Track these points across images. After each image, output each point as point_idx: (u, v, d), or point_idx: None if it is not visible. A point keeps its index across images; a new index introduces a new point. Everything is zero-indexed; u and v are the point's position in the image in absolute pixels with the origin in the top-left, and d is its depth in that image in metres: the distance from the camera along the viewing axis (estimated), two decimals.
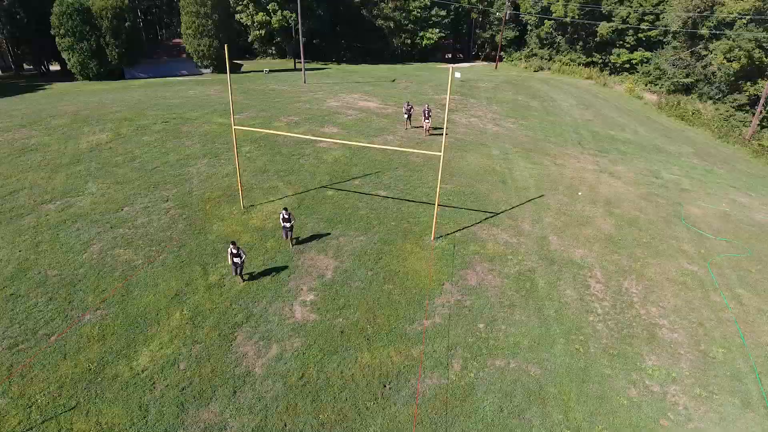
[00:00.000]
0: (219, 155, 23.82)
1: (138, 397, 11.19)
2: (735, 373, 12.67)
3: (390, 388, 11.70)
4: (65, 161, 22.67)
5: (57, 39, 44.48)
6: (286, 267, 15.71)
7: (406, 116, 28.75)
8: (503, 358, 12.68)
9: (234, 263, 14.44)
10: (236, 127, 18.43)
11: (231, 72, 18.35)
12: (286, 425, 10.70)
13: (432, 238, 17.45)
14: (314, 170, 22.58)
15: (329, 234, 17.53)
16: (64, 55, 45.72)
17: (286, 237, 16.53)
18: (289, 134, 24.14)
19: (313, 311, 13.98)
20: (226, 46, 16.16)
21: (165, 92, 38.46)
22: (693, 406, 11.68)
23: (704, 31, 54.49)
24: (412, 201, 20.14)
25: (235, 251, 14.17)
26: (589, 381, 12.18)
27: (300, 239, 17.11)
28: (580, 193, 22.01)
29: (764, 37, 48.06)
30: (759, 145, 38.50)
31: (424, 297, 14.68)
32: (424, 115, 27.71)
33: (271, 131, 23.09)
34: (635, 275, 16.35)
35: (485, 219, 19.18)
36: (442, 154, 16.15)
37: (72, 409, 10.84)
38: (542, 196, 21.55)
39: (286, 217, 16.02)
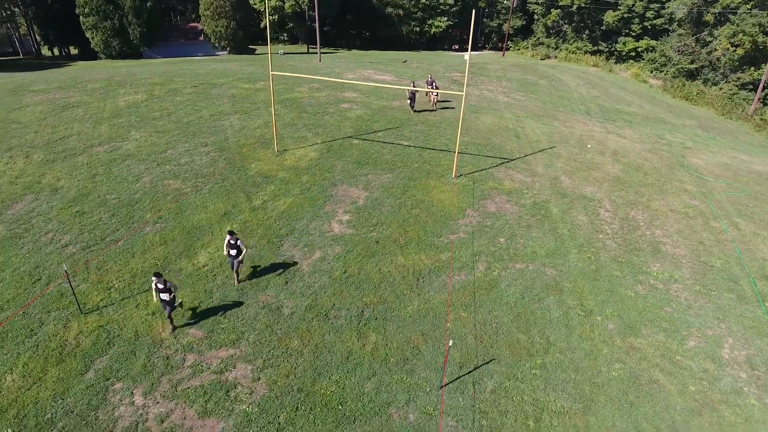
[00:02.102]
0: (249, 112, 25.35)
1: (202, 284, 12.71)
2: (731, 277, 14.10)
3: (423, 281, 13.19)
4: (106, 115, 24.24)
5: (81, 18, 46.13)
6: (324, 196, 17.21)
7: (408, 100, 25.70)
8: (523, 263, 14.15)
9: (162, 301, 10.68)
10: (274, 72, 19.88)
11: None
12: (334, 305, 12.20)
13: (453, 176, 18.93)
14: (339, 124, 24.07)
15: (358, 173, 19.01)
16: (88, 34, 47.37)
17: (233, 268, 12.44)
18: (326, 78, 25.66)
19: (349, 227, 15.48)
20: (267, 19, 17.65)
21: (188, 66, 40.05)
22: (693, 299, 13.12)
23: (709, 17, 55.71)
24: (432, 149, 21.60)
25: (161, 285, 10.47)
26: (599, 279, 13.63)
27: (259, 270, 13.12)
28: (589, 146, 23.43)
29: None
30: (761, 119, 39.79)
31: (448, 219, 16.16)
32: (431, 87, 26.82)
33: (308, 75, 24.71)
34: (641, 207, 17.77)
35: (501, 163, 20.63)
36: (464, 93, 17.61)
37: (146, 291, 12.36)
38: (553, 147, 22.98)
39: (232, 242, 11.98)
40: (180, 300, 11.51)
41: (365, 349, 10.92)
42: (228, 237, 12.05)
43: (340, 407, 9.55)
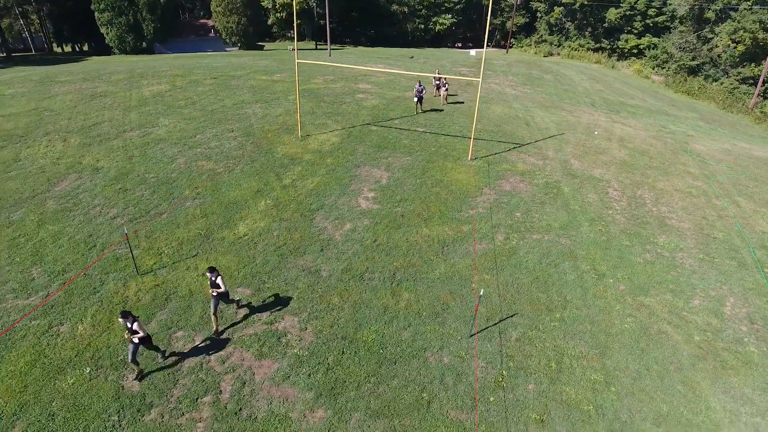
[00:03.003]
0: (269, 101, 26.42)
1: (245, 251, 13.78)
2: (732, 247, 15.16)
3: (447, 249, 14.26)
4: (134, 104, 25.31)
5: (96, 14, 47.20)
6: (348, 176, 18.28)
7: (416, 99, 24.67)
8: (539, 233, 15.22)
9: (132, 343, 9.35)
10: (299, 61, 20.95)
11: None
12: (367, 268, 13.27)
13: (469, 158, 20.00)
14: (356, 113, 25.15)
15: (379, 156, 20.08)
16: (103, 30, 48.43)
17: (215, 312, 10.62)
18: (350, 66, 26.66)
19: (375, 203, 16.55)
20: (294, 11, 18.70)
21: (204, 60, 41.12)
22: (697, 265, 14.20)
23: (710, 14, 56.75)
24: (447, 135, 22.67)
25: (130, 324, 9.19)
26: (610, 248, 14.70)
27: (241, 304, 11.59)
28: (596, 133, 24.50)
29: None
30: (761, 112, 40.86)
31: (467, 196, 17.23)
32: (439, 84, 27.65)
33: (334, 64, 25.79)
34: (647, 187, 18.84)
35: (513, 148, 21.70)
36: (480, 79, 18.69)
37: (194, 256, 13.43)
38: (562, 134, 24.05)
39: (214, 280, 10.31)
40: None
41: (399, 305, 11.99)
42: (208, 274, 10.37)
43: (381, 351, 10.62)
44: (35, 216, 15.00)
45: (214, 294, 10.47)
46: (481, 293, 11.00)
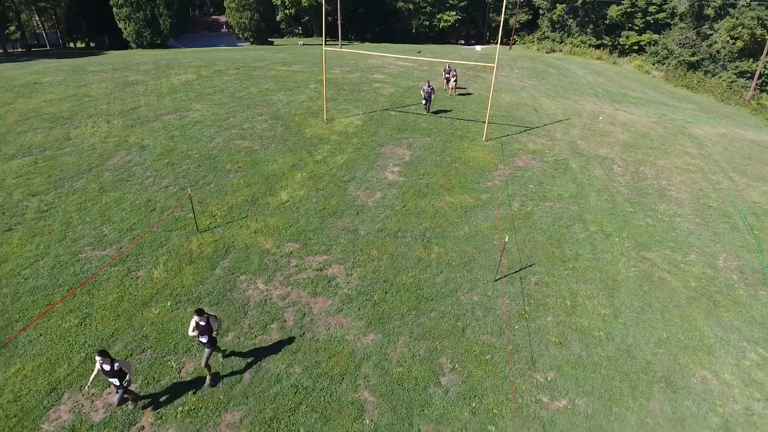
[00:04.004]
0: (292, 89, 28.02)
1: (289, 214, 15.39)
2: (725, 214, 16.79)
3: (469, 213, 15.87)
4: (165, 91, 26.90)
5: (115, 9, 48.78)
6: (374, 153, 19.88)
7: (424, 102, 24.21)
8: (551, 201, 16.84)
9: (116, 388, 8.40)
10: (327, 48, 22.55)
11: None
12: (400, 228, 14.88)
13: (484, 139, 21.61)
14: (375, 99, 26.75)
15: (400, 137, 21.67)
16: (121, 25, 50.01)
17: (205, 361, 9.20)
18: (384, 54, 28.24)
19: (400, 176, 18.16)
20: (323, 8, 20.22)
21: (222, 53, 42.71)
22: (693, 227, 15.82)
23: (709, 11, 58.32)
24: (461, 119, 24.28)
25: (107, 367, 8.07)
26: (615, 213, 16.32)
27: (227, 354, 10.13)
28: (600, 118, 26.12)
29: (766, 15, 51.74)
30: (758, 104, 42.50)
31: (484, 171, 18.84)
32: (449, 75, 28.59)
33: (361, 51, 27.17)
34: (648, 164, 20.46)
35: (524, 131, 23.31)
36: (495, 64, 20.31)
37: (244, 218, 15.04)
38: (569, 119, 25.67)
39: (202, 323, 8.85)
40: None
41: (431, 257, 13.61)
42: (196, 318, 8.84)
43: (419, 291, 12.24)
44: (96, 185, 16.61)
45: (203, 341, 9.12)
46: (506, 240, 12.61)
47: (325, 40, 57.84)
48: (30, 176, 16.99)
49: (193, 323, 9.04)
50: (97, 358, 8.09)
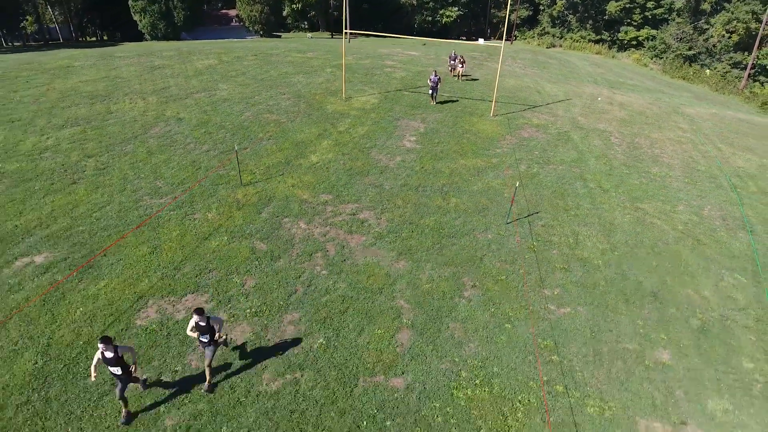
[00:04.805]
0: (309, 73, 29.79)
1: (319, 173, 17.16)
2: (712, 175, 18.60)
3: (481, 173, 17.65)
4: (191, 74, 28.66)
5: (130, 2, 50.47)
6: (391, 126, 21.66)
7: (431, 91, 24.28)
8: (554, 165, 18.63)
9: (118, 379, 7.97)
10: (347, 31, 24.30)
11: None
12: (420, 184, 16.66)
13: (491, 114, 23.41)
14: (388, 82, 28.54)
15: (413, 113, 23.45)
16: (136, 17, 51.71)
17: (207, 361, 8.74)
18: (404, 37, 30.00)
19: (417, 144, 19.94)
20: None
21: (236, 43, 44.47)
22: (682, 186, 17.62)
23: (706, 6, 60.14)
24: (470, 98, 26.08)
25: (109, 354, 7.64)
26: (613, 174, 18.12)
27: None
28: (599, 99, 27.93)
29: (760, 9, 53.58)
30: (750, 92, 44.32)
31: (493, 140, 20.63)
32: (456, 62, 30.14)
33: (379, 34, 28.74)
34: (643, 137, 22.26)
35: (528, 109, 25.11)
36: (503, 45, 22.09)
37: (281, 175, 16.82)
38: (570, 99, 27.47)
39: (202, 324, 8.43)
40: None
41: (449, 205, 15.39)
42: (195, 318, 8.39)
43: (440, 231, 14.03)
44: (143, 149, 18.37)
45: (203, 341, 8.73)
46: (517, 185, 14.40)
47: (346, 26, 59.28)
48: (82, 142, 18.75)
49: (192, 323, 8.50)
50: (99, 345, 7.54)
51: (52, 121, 20.59)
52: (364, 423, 8.48)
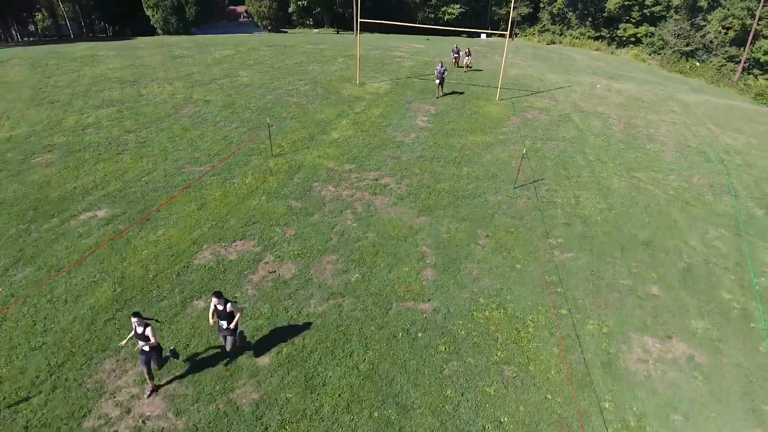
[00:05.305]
0: (323, 62, 31.34)
1: (341, 146, 18.70)
2: (702, 150, 20.18)
3: (490, 147, 19.22)
4: (211, 62, 30.19)
5: None
6: (404, 108, 23.21)
7: (438, 81, 24.48)
8: (556, 141, 20.20)
9: (142, 352, 8.19)
10: (361, 20, 25.90)
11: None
12: (435, 155, 18.22)
13: (497, 99, 24.97)
14: (398, 70, 30.09)
15: (424, 97, 25.00)
16: (149, 12, 53.25)
17: (228, 347, 8.96)
18: (416, 25, 31.53)
19: (429, 123, 21.49)
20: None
21: (248, 36, 46.00)
22: (674, 158, 19.20)
23: (703, 3, 61.75)
24: (476, 85, 27.64)
25: (141, 328, 7.99)
26: (610, 149, 19.69)
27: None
28: (598, 86, 29.52)
29: (755, 6, 55.14)
30: (744, 84, 45.95)
31: (499, 120, 22.19)
32: (461, 53, 31.84)
33: (393, 23, 30.27)
34: (639, 118, 23.84)
35: (531, 94, 26.68)
36: (507, 34, 23.66)
37: (307, 148, 18.36)
38: (570, 86, 29.06)
39: (220, 307, 8.51)
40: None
41: (462, 173, 16.95)
42: (214, 300, 8.53)
43: (455, 193, 15.58)
44: (178, 126, 19.91)
45: (222, 325, 8.72)
46: (525, 151, 15.95)
47: (359, 17, 60.86)
48: (120, 120, 20.29)
49: (211, 306, 8.65)
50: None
51: (88, 102, 22.12)
52: (400, 334, 10.04)
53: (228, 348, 8.93)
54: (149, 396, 8.51)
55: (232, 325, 8.58)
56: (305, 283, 11.35)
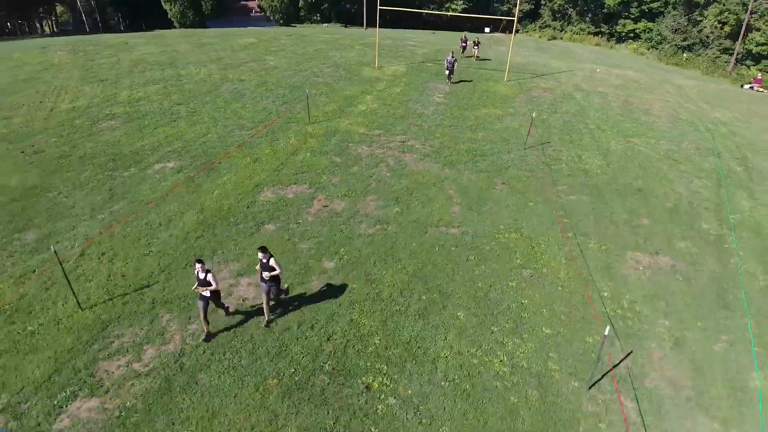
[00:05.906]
0: (342, 49, 33.58)
1: (369, 117, 20.93)
2: (692, 123, 22.46)
3: (501, 119, 21.48)
4: (236, 49, 32.43)
5: None
6: (421, 87, 25.46)
7: (447, 72, 25.59)
8: (560, 114, 22.46)
9: (202, 297, 8.94)
10: (381, 7, 28.18)
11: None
12: (452, 124, 20.46)
13: (505, 79, 27.24)
14: (412, 56, 32.35)
15: (438, 79, 27.26)
16: (166, 6, 55.40)
17: (266, 296, 9.48)
18: (425, 11, 33.80)
19: (445, 99, 23.75)
20: None
21: (264, 28, 48.24)
22: (666, 128, 21.47)
23: None
24: (485, 69, 29.91)
25: (203, 274, 8.72)
26: (608, 120, 21.96)
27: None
28: (598, 70, 31.80)
29: (749, 0, 57.30)
30: (737, 74, 48.24)
31: (508, 97, 24.46)
32: (470, 43, 34.03)
33: (411, 10, 32.71)
34: (636, 97, 26.11)
35: (536, 77, 28.95)
36: (515, 19, 25.93)
37: (338, 117, 20.60)
38: (572, 71, 31.34)
39: (264, 261, 9.08)
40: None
41: (478, 137, 19.21)
42: (260, 254, 9.03)
43: (473, 152, 17.84)
44: (221, 100, 22.15)
45: (265, 277, 9.14)
46: (534, 115, 18.21)
47: (378, 8, 62.79)
48: (167, 95, 22.53)
49: (259, 263, 9.17)
50: (197, 265, 8.63)
51: (135, 81, 24.37)
52: (436, 248, 12.29)
53: (264, 300, 9.43)
54: (206, 341, 9.12)
55: (273, 274, 9.04)
56: (354, 214, 13.60)
